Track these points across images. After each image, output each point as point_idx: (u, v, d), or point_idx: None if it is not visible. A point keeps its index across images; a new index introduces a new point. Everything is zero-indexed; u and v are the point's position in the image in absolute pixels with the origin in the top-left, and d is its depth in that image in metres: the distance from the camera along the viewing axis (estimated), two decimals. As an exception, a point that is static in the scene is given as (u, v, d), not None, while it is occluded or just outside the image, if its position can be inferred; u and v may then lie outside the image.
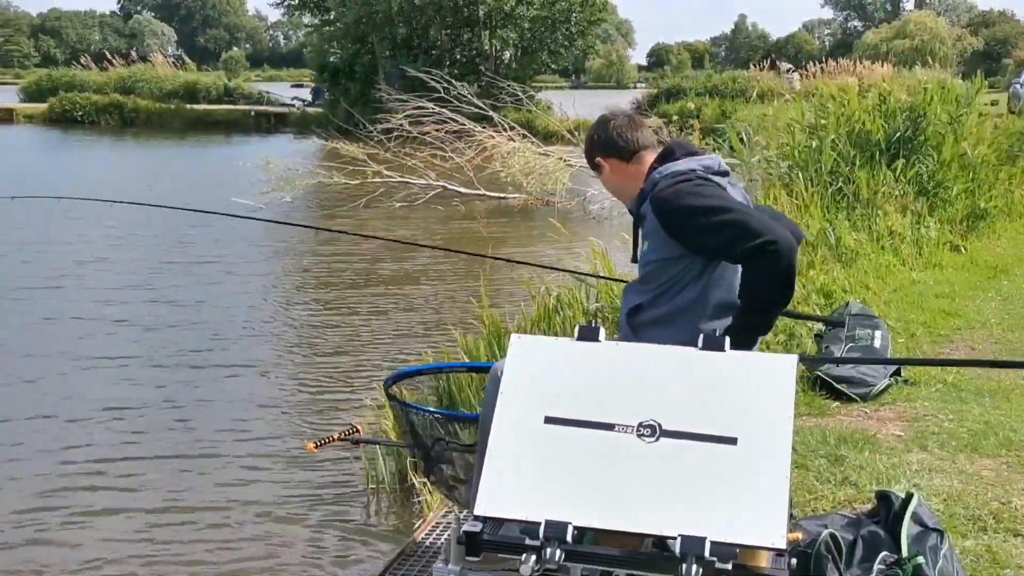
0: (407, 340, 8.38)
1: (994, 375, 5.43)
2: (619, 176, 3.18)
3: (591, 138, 3.25)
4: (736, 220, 2.79)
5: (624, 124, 3.19)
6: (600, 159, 3.20)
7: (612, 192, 3.34)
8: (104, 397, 6.98)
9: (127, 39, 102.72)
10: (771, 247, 2.73)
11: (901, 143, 9.21)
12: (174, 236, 13.41)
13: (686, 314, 2.94)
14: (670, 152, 3.09)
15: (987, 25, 70.19)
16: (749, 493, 2.23)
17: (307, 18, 44.66)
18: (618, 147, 3.15)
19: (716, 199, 2.87)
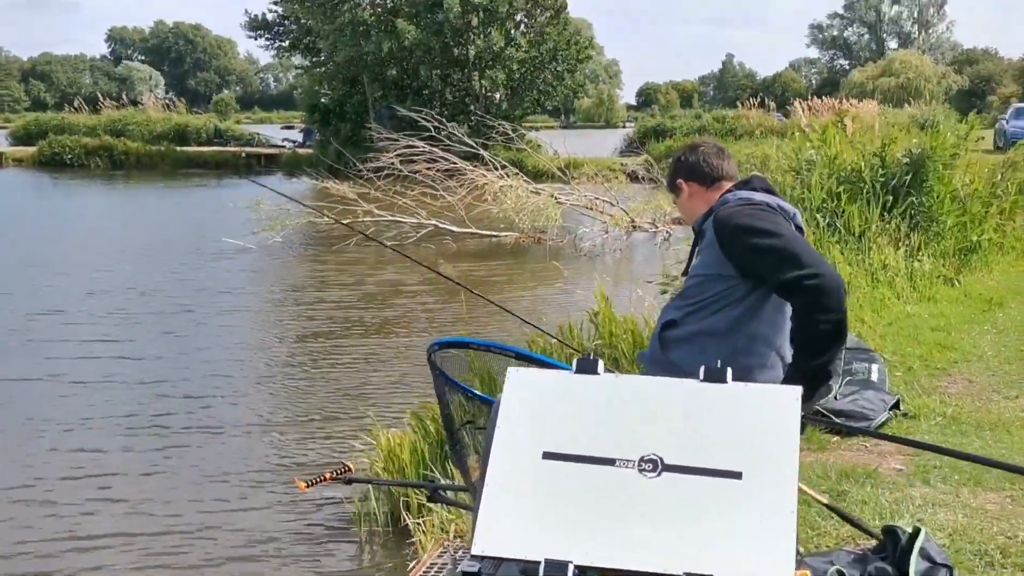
0: (394, 386, 8.30)
1: (993, 408, 5.38)
2: (695, 200, 3.22)
3: (677, 159, 3.31)
4: (784, 246, 2.76)
5: (712, 152, 3.26)
6: (681, 181, 3.25)
7: (684, 213, 3.36)
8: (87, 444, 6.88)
9: (117, 83, 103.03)
10: (813, 280, 2.68)
11: (898, 187, 9.22)
12: (152, 284, 13.25)
13: (717, 337, 2.91)
14: (747, 181, 3.14)
15: (971, 63, 70.95)
16: (755, 529, 2.17)
17: (297, 59, 44.98)
18: (702, 172, 3.21)
19: (773, 224, 2.85)
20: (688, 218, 3.32)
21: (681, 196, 3.29)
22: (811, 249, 2.86)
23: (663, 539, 2.19)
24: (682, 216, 3.43)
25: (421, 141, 17.18)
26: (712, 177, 3.20)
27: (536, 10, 34.52)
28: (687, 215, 3.32)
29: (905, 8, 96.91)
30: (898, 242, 8.76)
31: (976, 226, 9.67)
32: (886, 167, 9.23)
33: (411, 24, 31.95)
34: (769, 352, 2.98)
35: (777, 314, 2.94)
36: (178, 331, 10.54)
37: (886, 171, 9.21)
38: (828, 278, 2.69)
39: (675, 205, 3.44)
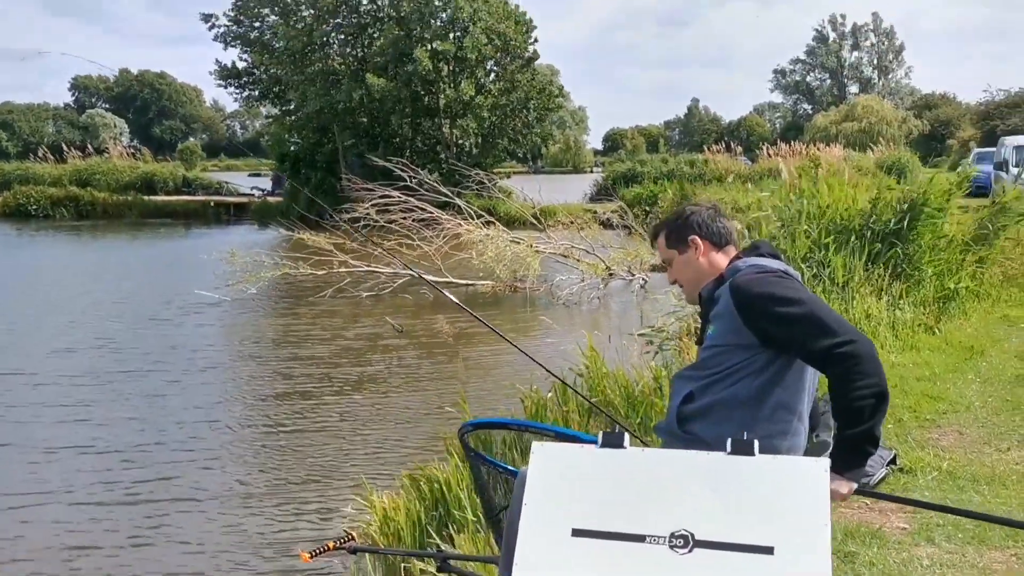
0: (379, 446, 8.22)
1: (987, 461, 5.40)
2: (706, 260, 3.12)
3: (687, 216, 3.17)
4: (812, 314, 2.72)
5: (723, 214, 3.20)
6: (696, 237, 3.12)
7: (691, 276, 3.18)
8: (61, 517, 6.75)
9: (81, 131, 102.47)
10: (847, 347, 2.63)
11: (887, 235, 9.31)
12: (123, 341, 13.06)
13: (738, 408, 2.85)
14: (755, 247, 3.10)
15: (930, 108, 72.16)
16: (791, 607, 2.14)
17: (265, 109, 45.06)
18: (716, 231, 3.13)
19: (795, 292, 2.81)
20: (693, 279, 3.18)
21: (689, 254, 3.14)
22: (837, 314, 2.83)
23: (697, 618, 2.16)
24: (682, 279, 3.23)
25: (396, 190, 17.16)
26: (725, 239, 3.14)
27: (506, 58, 34.83)
28: (693, 275, 3.17)
29: (865, 54, 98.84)
30: (881, 291, 8.83)
31: (953, 274, 9.78)
32: (878, 214, 9.32)
33: (380, 77, 32.10)
34: (792, 419, 2.95)
35: (798, 380, 2.92)
36: (151, 392, 10.32)
37: (877, 219, 9.30)
38: (861, 344, 2.65)
39: (672, 263, 3.22)
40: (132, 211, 38.53)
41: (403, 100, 32.59)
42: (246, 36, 36.99)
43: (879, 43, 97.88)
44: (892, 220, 9.32)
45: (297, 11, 34.80)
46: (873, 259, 9.11)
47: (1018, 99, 58.77)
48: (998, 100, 60.76)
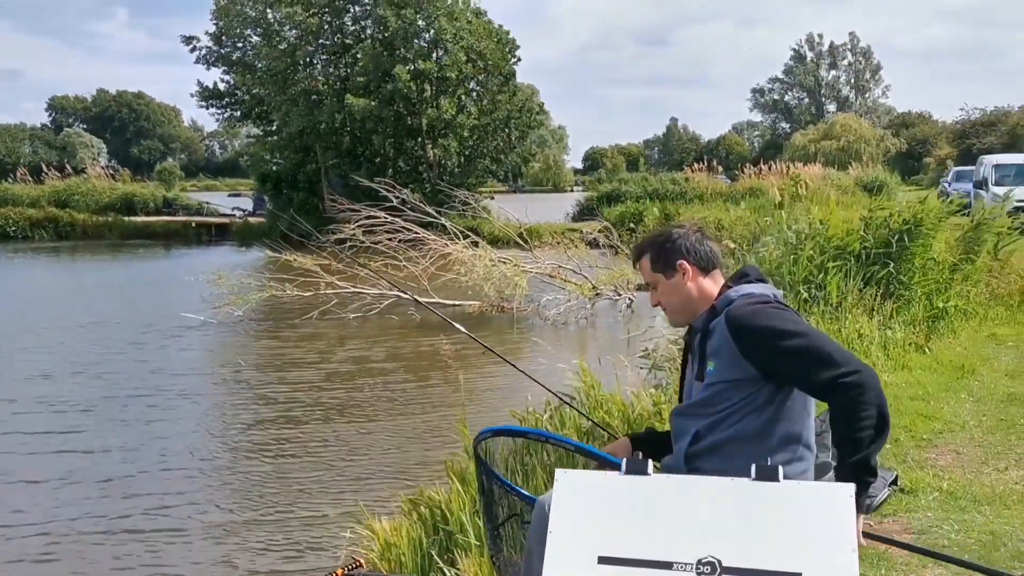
0: (381, 471, 8.14)
1: (986, 481, 5.42)
2: (694, 285, 3.07)
3: (674, 239, 3.11)
4: (814, 346, 2.71)
5: (708, 236, 3.17)
6: (684, 262, 3.07)
7: (677, 301, 3.11)
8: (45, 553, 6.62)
9: (58, 152, 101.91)
10: (851, 377, 2.64)
11: (882, 256, 9.39)
12: (105, 366, 12.82)
13: (749, 444, 2.83)
14: (744, 274, 3.06)
15: (907, 126, 72.99)
16: (821, 634, 2.14)
17: (246, 129, 45.02)
18: (703, 255, 3.09)
19: (794, 324, 2.79)
20: (680, 304, 3.11)
21: (676, 279, 3.08)
22: (837, 344, 2.83)
23: (727, 647, 2.16)
24: (667, 303, 3.14)
25: (381, 211, 17.14)
26: (712, 263, 3.10)
27: (487, 77, 34.95)
28: (680, 301, 3.10)
29: (842, 73, 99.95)
30: (872, 311, 8.89)
31: (942, 293, 9.85)
32: (873, 235, 9.40)
33: (362, 97, 32.14)
34: (798, 447, 2.96)
35: (802, 409, 2.93)
36: (133, 419, 10.08)
37: (873, 240, 9.37)
38: (865, 374, 2.66)
39: (657, 286, 3.14)
40: (112, 232, 38.34)
41: (385, 120, 32.64)
42: (228, 57, 36.98)
43: (856, 62, 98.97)
44: (890, 241, 9.39)
45: (280, 32, 34.84)
46: (867, 280, 9.19)
47: (993, 118, 59.51)
48: (974, 119, 61.51)
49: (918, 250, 9.49)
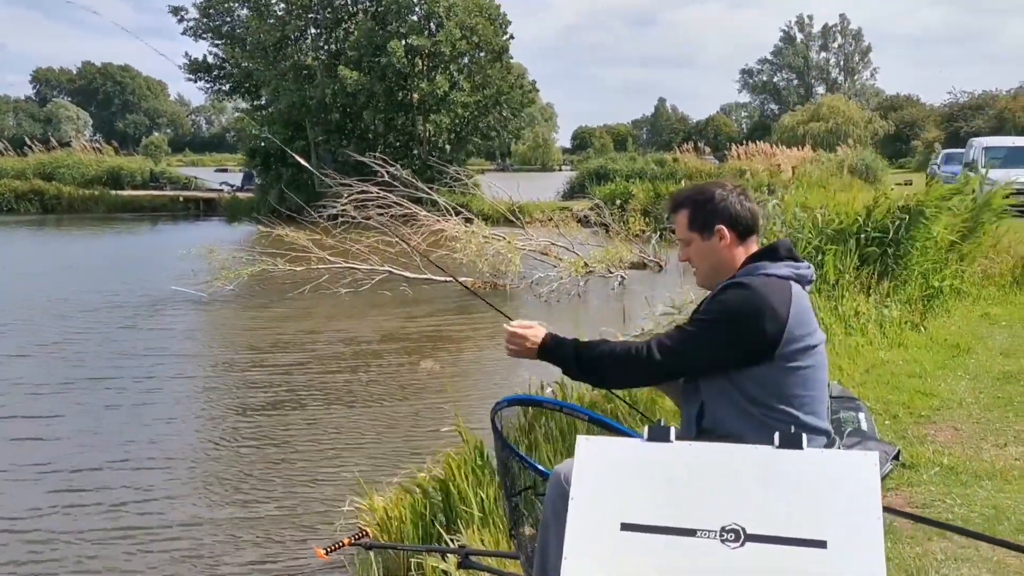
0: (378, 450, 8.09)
1: (986, 456, 5.45)
2: (728, 251, 3.01)
3: (716, 200, 3.02)
4: (689, 333, 2.86)
5: (750, 199, 3.08)
6: (723, 227, 3.00)
7: (708, 265, 3.05)
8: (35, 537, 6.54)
9: (42, 124, 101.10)
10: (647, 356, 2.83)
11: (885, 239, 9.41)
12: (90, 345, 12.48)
13: (753, 408, 2.87)
14: (773, 249, 2.99)
15: (895, 109, 73.00)
16: (846, 600, 2.13)
17: (233, 103, 44.72)
18: (743, 221, 3.01)
19: (719, 315, 2.84)
20: (711, 268, 3.04)
21: (712, 242, 3.00)
22: (701, 351, 2.86)
23: (751, 613, 2.15)
24: (698, 264, 3.08)
25: (373, 186, 17.05)
26: (750, 228, 3.02)
27: (479, 53, 34.78)
28: (712, 264, 3.03)
29: (832, 55, 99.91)
30: (869, 289, 8.92)
31: (938, 272, 9.88)
32: (876, 221, 9.42)
33: (354, 70, 31.93)
34: (801, 411, 2.93)
35: (801, 372, 2.91)
36: (117, 401, 9.75)
37: (875, 225, 9.40)
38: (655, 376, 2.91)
39: (691, 244, 3.06)
40: (99, 205, 38.12)
41: (376, 95, 32.44)
42: (217, 30, 36.67)
43: (846, 44, 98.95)
44: (890, 227, 9.41)
45: (270, 5, 34.54)
46: (864, 260, 9.21)
47: (981, 101, 59.68)
48: (962, 102, 61.67)
49: (919, 235, 9.51)
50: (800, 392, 2.89)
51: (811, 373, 2.91)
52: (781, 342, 2.81)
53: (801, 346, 2.85)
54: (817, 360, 2.93)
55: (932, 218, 9.63)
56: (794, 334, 2.83)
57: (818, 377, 2.96)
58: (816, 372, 2.94)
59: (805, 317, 2.90)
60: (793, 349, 2.83)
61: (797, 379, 2.88)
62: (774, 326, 2.79)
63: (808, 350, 2.88)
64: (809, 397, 2.93)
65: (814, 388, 2.94)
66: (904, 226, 9.41)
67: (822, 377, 2.99)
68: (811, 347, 2.89)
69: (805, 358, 2.88)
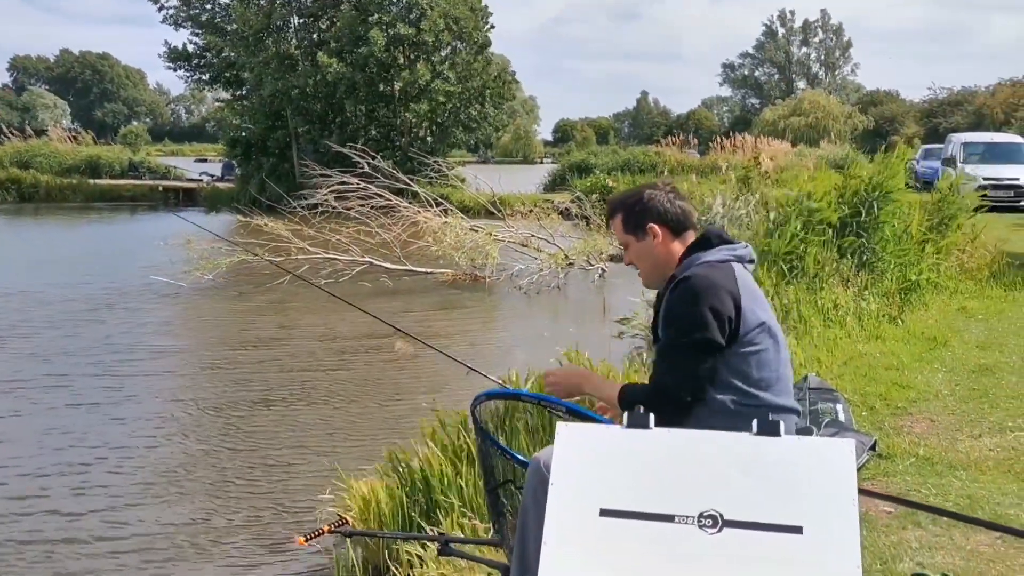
0: (356, 438, 8.08)
1: (961, 447, 5.50)
2: (664, 248, 3.10)
3: (645, 200, 3.12)
4: (673, 347, 2.92)
5: (681, 197, 3.16)
6: (655, 225, 3.09)
7: (648, 264, 3.15)
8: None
9: (19, 112, 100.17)
10: (660, 394, 2.91)
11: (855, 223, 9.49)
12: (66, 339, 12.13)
13: (707, 408, 2.91)
14: (705, 239, 3.06)
15: (875, 104, 73.26)
16: (821, 585, 2.15)
17: (213, 93, 44.42)
18: (674, 217, 3.10)
19: (691, 320, 2.87)
20: (651, 267, 3.16)
21: (647, 241, 3.11)
22: (689, 358, 2.89)
23: (728, 597, 2.17)
24: (639, 264, 3.20)
25: (354, 177, 17.02)
26: (683, 224, 3.11)
27: (462, 44, 34.70)
28: (651, 263, 3.14)
29: (813, 50, 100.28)
30: (847, 282, 8.98)
31: (914, 265, 9.96)
32: (848, 204, 9.51)
33: (335, 59, 31.79)
34: (759, 392, 2.96)
35: (758, 356, 2.93)
36: (100, 386, 9.72)
37: (847, 209, 9.49)
38: (666, 392, 2.90)
39: (629, 247, 3.19)
40: (77, 195, 37.80)
41: (358, 85, 32.31)
42: (197, 18, 36.42)
43: (827, 39, 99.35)
44: (861, 209, 9.50)
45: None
46: (841, 251, 9.29)
47: (960, 97, 59.97)
48: (941, 98, 61.96)
49: (887, 218, 9.60)
50: (765, 374, 2.93)
51: (770, 355, 2.95)
52: (741, 320, 2.87)
53: (757, 324, 2.90)
54: (774, 340, 2.97)
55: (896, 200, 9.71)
56: (749, 308, 2.89)
57: (779, 357, 3.00)
58: (775, 352, 2.98)
59: (755, 293, 2.97)
60: (751, 328, 2.89)
61: (759, 361, 2.92)
62: (730, 304, 2.87)
63: (764, 328, 2.92)
64: (774, 377, 2.96)
65: (777, 367, 2.98)
66: (873, 206, 9.49)
67: (783, 355, 3.03)
68: (766, 325, 2.94)
69: (763, 338, 2.92)
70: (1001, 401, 6.52)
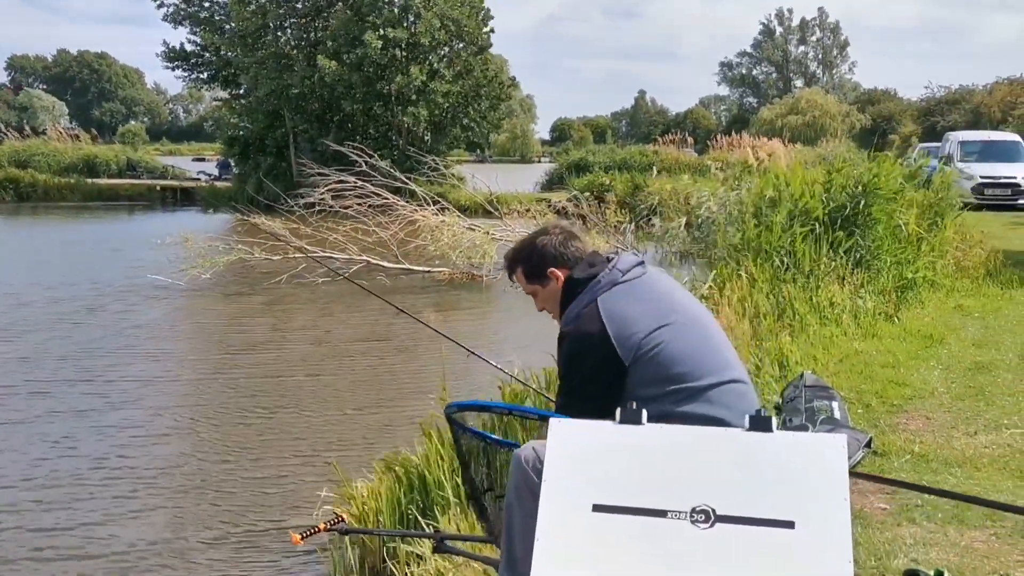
0: (355, 435, 8.08)
1: (956, 444, 5.51)
2: None
3: (539, 248, 3.22)
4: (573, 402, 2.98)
5: (575, 237, 3.27)
6: (554, 269, 3.19)
7: (559, 307, 3.21)
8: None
9: (17, 112, 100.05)
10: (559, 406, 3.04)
11: (843, 219, 9.50)
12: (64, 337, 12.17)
13: None
14: (571, 291, 3.13)
15: (872, 103, 73.34)
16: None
17: (212, 92, 44.35)
18: (570, 258, 3.19)
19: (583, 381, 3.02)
20: (560, 309, 3.21)
21: (551, 286, 3.21)
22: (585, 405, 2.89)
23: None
24: (553, 312, 3.27)
25: (351, 176, 17.02)
26: (579, 263, 3.19)
27: (459, 44, 34.69)
28: (561, 308, 3.20)
29: (810, 49, 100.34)
30: (843, 279, 9.00)
31: (911, 264, 9.97)
32: (833, 197, 9.53)
33: (332, 60, 31.77)
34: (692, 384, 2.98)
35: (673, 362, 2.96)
36: (97, 385, 9.69)
37: (834, 203, 9.51)
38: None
39: (536, 295, 3.29)
40: (75, 194, 37.73)
41: (355, 85, 32.30)
42: (196, 15, 36.40)
43: (824, 38, 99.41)
44: (848, 204, 9.53)
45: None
46: (835, 247, 9.30)
47: (957, 96, 59.94)
48: (939, 96, 61.89)
49: (880, 216, 9.63)
50: (681, 368, 2.96)
51: (674, 345, 2.97)
52: (618, 349, 2.94)
53: (642, 337, 2.95)
54: (673, 331, 2.99)
55: (889, 197, 9.73)
56: (623, 336, 2.95)
57: (686, 340, 3.01)
58: (681, 340, 2.99)
59: (625, 317, 3.00)
60: (635, 345, 2.94)
61: (668, 358, 2.96)
62: (598, 351, 2.96)
63: (652, 333, 2.96)
64: (693, 362, 2.98)
65: (692, 349, 3.00)
66: (862, 202, 9.52)
67: (696, 333, 3.06)
68: (655, 329, 2.97)
69: (657, 339, 2.96)
70: (997, 399, 6.53)
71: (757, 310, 7.99)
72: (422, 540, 4.30)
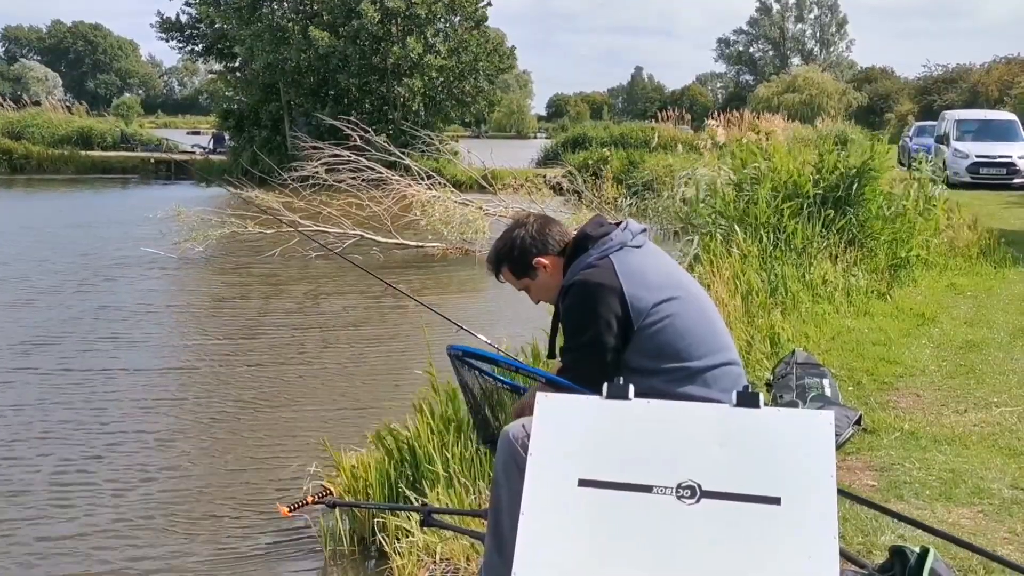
0: (345, 409, 8.05)
1: (946, 422, 5.52)
2: (556, 271, 3.18)
3: (519, 241, 3.21)
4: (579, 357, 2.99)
5: (550, 220, 3.29)
6: (539, 258, 3.19)
7: (552, 293, 3.22)
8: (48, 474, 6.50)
9: (11, 83, 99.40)
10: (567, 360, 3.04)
11: (837, 200, 9.48)
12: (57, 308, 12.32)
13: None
14: (582, 243, 3.11)
15: (869, 81, 73.16)
16: (798, 555, 2.17)
17: (207, 65, 44.08)
18: (551, 243, 3.19)
19: (579, 313, 2.98)
20: (552, 293, 3.23)
21: (541, 276, 3.22)
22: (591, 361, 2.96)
23: (705, 566, 2.19)
24: (546, 299, 3.32)
25: (346, 150, 16.94)
26: (563, 242, 3.19)
27: (456, 17, 34.47)
28: (553, 293, 3.21)
29: (808, 26, 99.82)
30: (835, 258, 8.99)
31: (904, 242, 9.96)
32: (824, 178, 9.51)
33: (327, 32, 31.57)
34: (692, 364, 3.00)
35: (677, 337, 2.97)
36: (88, 357, 9.63)
37: (824, 183, 9.49)
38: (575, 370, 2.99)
39: (529, 290, 3.30)
40: (69, 166, 37.59)
41: (350, 58, 32.11)
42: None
43: (822, 15, 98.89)
44: (841, 184, 9.52)
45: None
46: (827, 225, 9.29)
47: (955, 75, 59.81)
48: (936, 75, 61.76)
49: (870, 195, 9.62)
50: (683, 343, 2.97)
51: (679, 320, 2.98)
52: (630, 308, 2.92)
53: (653, 304, 2.94)
54: (680, 306, 2.99)
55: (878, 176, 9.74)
56: (636, 295, 2.94)
57: (694, 315, 3.03)
58: (685, 316, 3.00)
59: (643, 270, 3.01)
60: (646, 310, 2.93)
61: (672, 333, 2.96)
62: (613, 300, 2.93)
63: (660, 304, 2.95)
64: (695, 341, 2.99)
65: (695, 327, 3.01)
66: (854, 183, 9.51)
67: (698, 310, 3.06)
68: (664, 301, 2.96)
69: (665, 310, 2.96)
70: (987, 377, 6.55)
71: (749, 286, 7.98)
72: (411, 514, 4.30)
